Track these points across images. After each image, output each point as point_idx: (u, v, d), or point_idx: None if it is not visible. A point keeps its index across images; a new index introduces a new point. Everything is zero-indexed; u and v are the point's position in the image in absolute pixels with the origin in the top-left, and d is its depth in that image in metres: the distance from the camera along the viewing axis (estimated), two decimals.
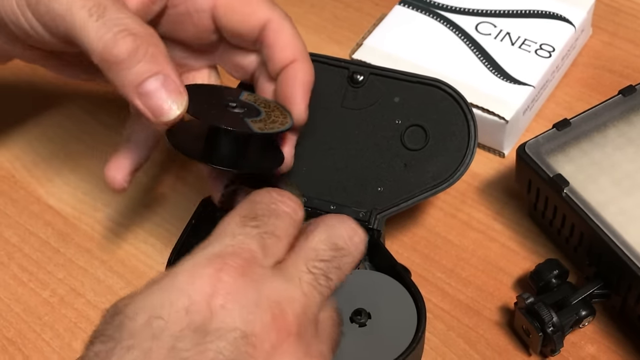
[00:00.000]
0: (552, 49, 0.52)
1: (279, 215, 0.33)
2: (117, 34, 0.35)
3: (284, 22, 0.42)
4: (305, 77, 0.41)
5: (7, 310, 0.47)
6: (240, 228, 0.32)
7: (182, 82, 0.37)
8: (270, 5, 0.42)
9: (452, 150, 0.43)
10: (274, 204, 0.33)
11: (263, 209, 0.33)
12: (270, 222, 0.33)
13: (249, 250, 0.31)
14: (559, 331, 0.41)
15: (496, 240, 0.48)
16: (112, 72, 0.36)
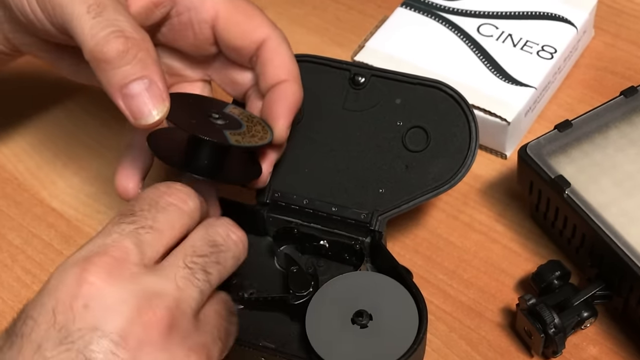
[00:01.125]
0: (554, 51, 0.52)
1: (161, 207, 0.34)
2: (109, 34, 0.36)
3: (282, 42, 0.42)
4: (292, 98, 0.42)
5: (11, 312, 0.47)
6: (116, 226, 0.33)
7: (167, 89, 0.37)
8: (270, 25, 0.43)
9: (454, 152, 0.43)
10: (158, 197, 0.34)
11: (143, 203, 0.34)
12: (150, 215, 0.33)
13: (121, 248, 0.32)
14: (561, 332, 0.41)
15: (498, 242, 0.48)
16: (100, 70, 0.37)
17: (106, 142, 0.55)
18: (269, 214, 0.45)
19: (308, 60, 0.47)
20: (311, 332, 0.40)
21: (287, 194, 0.45)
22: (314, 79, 0.46)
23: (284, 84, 0.42)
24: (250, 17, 0.42)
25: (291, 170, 0.45)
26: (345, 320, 0.40)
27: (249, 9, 0.43)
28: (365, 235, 0.43)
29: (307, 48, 0.59)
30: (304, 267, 0.43)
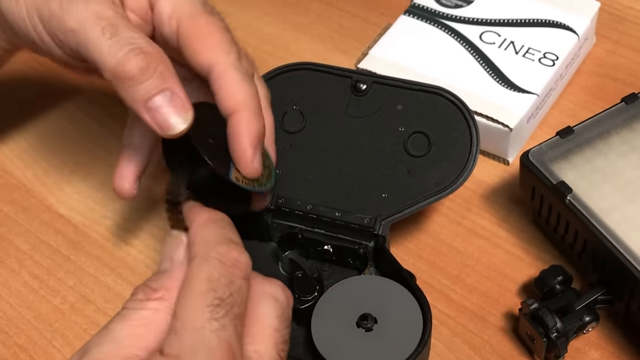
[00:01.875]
0: (556, 58, 0.53)
1: (238, 287, 0.32)
2: (128, 52, 0.37)
3: (229, 69, 0.39)
4: (247, 132, 0.39)
5: (19, 317, 0.48)
6: (213, 321, 0.31)
7: (188, 99, 0.38)
8: (223, 49, 0.40)
9: (455, 157, 0.44)
10: (231, 277, 0.32)
11: (224, 287, 0.32)
12: (236, 301, 0.32)
13: (229, 350, 0.31)
14: (563, 337, 0.41)
15: (501, 247, 0.49)
16: (123, 88, 0.37)
17: (112, 148, 0.56)
18: (273, 220, 0.45)
19: (310, 68, 0.47)
20: (317, 335, 0.40)
21: (291, 200, 0.45)
22: (317, 86, 0.47)
23: (236, 117, 0.39)
24: (203, 37, 0.40)
25: (295, 176, 0.46)
26: (351, 323, 0.41)
27: (204, 29, 0.40)
28: (368, 239, 0.44)
29: (311, 55, 0.60)
30: (309, 271, 0.44)
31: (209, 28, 0.40)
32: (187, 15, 0.40)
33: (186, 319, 0.31)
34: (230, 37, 0.41)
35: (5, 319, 0.48)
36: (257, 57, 0.59)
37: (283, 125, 0.47)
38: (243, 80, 0.39)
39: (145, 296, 0.33)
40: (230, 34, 0.41)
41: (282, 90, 0.47)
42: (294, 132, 0.47)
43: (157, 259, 0.50)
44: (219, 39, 0.40)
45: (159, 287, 0.33)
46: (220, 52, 0.39)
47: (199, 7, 0.40)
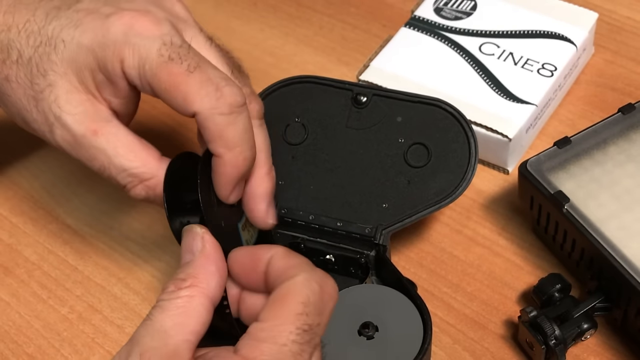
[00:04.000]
0: (555, 68, 0.53)
1: (326, 320, 0.34)
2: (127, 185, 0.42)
3: (212, 116, 0.38)
4: (229, 172, 0.39)
5: (27, 327, 0.49)
6: (296, 344, 0.32)
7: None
8: (197, 95, 0.38)
9: (454, 167, 0.45)
10: (325, 307, 0.34)
11: (314, 315, 0.33)
12: (320, 331, 0.33)
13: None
14: (562, 344, 0.42)
15: (501, 255, 0.49)
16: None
17: None
18: (276, 230, 0.46)
19: (312, 81, 0.48)
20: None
21: (293, 210, 0.46)
22: (318, 99, 0.48)
23: (222, 160, 0.39)
24: (173, 90, 0.39)
25: (297, 187, 0.47)
26: (352, 331, 0.41)
27: (171, 81, 0.38)
28: (370, 249, 0.45)
29: (314, 67, 0.61)
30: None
31: (175, 79, 0.38)
32: (150, 69, 0.39)
33: (273, 332, 0.32)
34: (199, 76, 0.38)
35: (14, 328, 0.49)
36: (260, 69, 0.61)
37: (285, 137, 0.48)
38: (227, 124, 0.38)
39: (176, 287, 0.34)
40: (200, 70, 0.38)
41: (285, 103, 0.48)
42: (296, 144, 0.48)
43: (162, 269, 0.51)
44: (188, 87, 0.38)
45: (187, 276, 0.34)
46: (195, 100, 0.38)
47: (158, 56, 0.38)
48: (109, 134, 0.40)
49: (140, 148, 0.41)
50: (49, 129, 0.41)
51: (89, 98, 0.40)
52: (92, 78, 0.40)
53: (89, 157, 0.41)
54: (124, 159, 0.40)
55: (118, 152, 0.40)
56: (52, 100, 0.40)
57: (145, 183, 0.41)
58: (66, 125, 0.40)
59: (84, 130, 0.40)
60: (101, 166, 0.41)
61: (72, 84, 0.40)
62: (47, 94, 0.40)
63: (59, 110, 0.40)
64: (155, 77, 0.39)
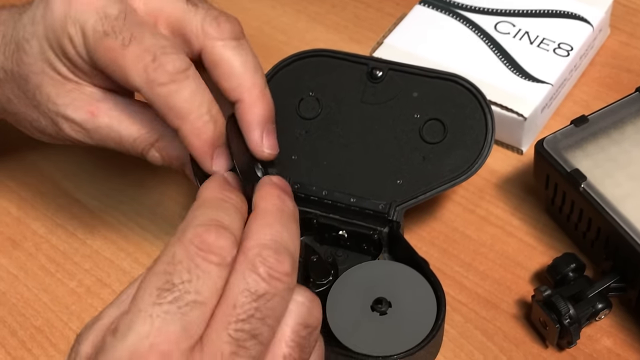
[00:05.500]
0: (571, 48, 0.53)
1: (202, 273, 0.29)
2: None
3: (153, 89, 0.37)
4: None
5: (35, 300, 0.49)
6: (157, 307, 0.29)
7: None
8: (139, 70, 0.37)
9: (470, 143, 0.44)
10: (196, 259, 0.30)
11: (182, 271, 0.29)
12: (192, 287, 0.29)
13: (167, 339, 0.28)
14: (576, 323, 0.41)
15: (514, 235, 0.49)
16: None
17: None
18: None
19: (327, 55, 0.48)
20: (332, 318, 0.41)
21: (306, 186, 0.46)
22: (333, 73, 0.47)
23: (182, 133, 0.38)
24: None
25: (310, 162, 0.46)
26: (365, 307, 0.41)
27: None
28: (383, 225, 0.44)
29: (325, 45, 0.60)
30: (323, 257, 0.44)
31: (112, 55, 0.37)
32: (89, 45, 0.38)
33: (137, 296, 0.30)
34: (135, 48, 0.37)
35: (22, 301, 0.49)
36: (272, 46, 0.61)
37: (299, 112, 0.47)
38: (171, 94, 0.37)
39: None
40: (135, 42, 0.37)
41: (299, 77, 0.48)
42: (310, 118, 0.47)
43: None
44: (125, 61, 0.37)
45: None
46: (133, 75, 0.37)
47: (94, 32, 0.37)
48: (107, 111, 0.40)
49: (144, 114, 0.40)
50: (58, 128, 0.41)
51: (74, 85, 0.40)
52: (62, 66, 0.39)
53: (102, 138, 0.41)
54: (131, 130, 0.40)
55: (123, 124, 0.40)
56: (46, 99, 0.40)
57: (156, 145, 0.40)
58: (67, 116, 0.40)
59: (83, 115, 0.40)
60: (116, 143, 0.41)
61: (53, 78, 0.40)
62: (39, 96, 0.40)
63: (54, 106, 0.40)
64: (94, 53, 0.37)
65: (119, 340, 0.29)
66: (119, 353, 0.28)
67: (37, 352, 0.46)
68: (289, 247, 0.31)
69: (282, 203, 0.33)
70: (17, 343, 0.47)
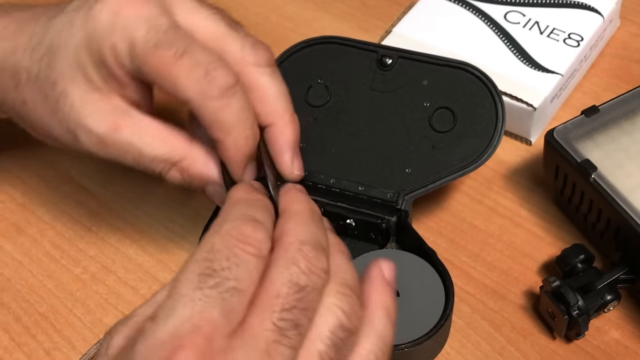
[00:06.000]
0: (581, 39, 0.52)
1: (241, 262, 0.30)
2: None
3: (204, 102, 0.37)
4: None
5: (40, 286, 0.48)
6: (198, 291, 0.29)
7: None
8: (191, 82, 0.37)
9: (480, 132, 0.44)
10: (234, 249, 0.31)
11: (221, 259, 0.30)
12: (232, 274, 0.30)
13: (209, 322, 0.29)
14: (584, 314, 0.41)
15: (522, 226, 0.49)
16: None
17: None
18: None
19: (336, 42, 0.47)
20: None
21: (314, 174, 0.45)
22: (342, 60, 0.47)
23: (223, 145, 0.39)
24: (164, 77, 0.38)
25: (318, 150, 0.46)
26: None
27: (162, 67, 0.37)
28: (391, 214, 0.44)
29: (333, 34, 0.59)
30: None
31: (163, 66, 0.37)
32: (138, 56, 0.38)
33: (176, 283, 0.30)
34: (188, 61, 0.37)
35: (27, 287, 0.48)
36: (279, 34, 0.60)
37: (307, 99, 0.47)
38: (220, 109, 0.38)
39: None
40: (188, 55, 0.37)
41: (307, 64, 0.47)
42: (319, 106, 0.47)
43: (177, 231, 0.50)
44: (177, 73, 0.37)
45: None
46: (185, 87, 0.37)
47: (144, 42, 0.37)
48: (131, 126, 0.40)
49: (167, 133, 0.40)
50: (74, 137, 0.40)
51: (101, 96, 0.40)
52: (97, 75, 0.39)
53: (119, 154, 0.40)
54: (153, 147, 0.40)
55: (145, 141, 0.40)
56: (69, 108, 0.39)
57: (178, 165, 0.40)
58: (87, 128, 0.39)
59: (106, 128, 0.39)
60: (133, 159, 0.40)
61: (82, 86, 0.39)
62: (62, 103, 0.40)
63: (77, 115, 0.39)
64: (144, 63, 0.38)
65: (160, 323, 0.29)
66: (160, 335, 0.28)
67: (41, 338, 0.46)
68: (323, 245, 0.33)
69: (311, 206, 0.35)
70: (22, 329, 0.46)
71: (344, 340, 0.31)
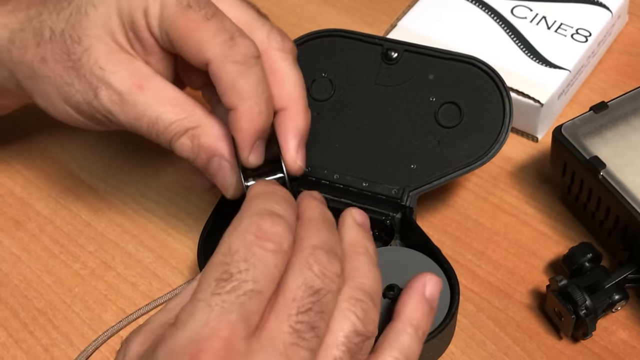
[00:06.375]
0: (589, 34, 0.51)
1: (259, 262, 0.30)
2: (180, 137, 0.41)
3: (225, 64, 0.38)
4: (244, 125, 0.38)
5: (38, 282, 0.48)
6: (215, 296, 0.29)
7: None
8: (216, 44, 0.38)
9: (487, 128, 0.43)
10: (253, 247, 0.30)
11: (239, 261, 0.30)
12: (250, 276, 0.30)
13: (227, 326, 0.29)
14: (592, 314, 0.40)
15: (528, 224, 0.48)
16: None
17: None
18: (298, 189, 0.44)
19: (341, 35, 0.47)
20: None
21: (317, 169, 0.45)
22: (347, 54, 0.46)
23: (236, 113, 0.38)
24: (188, 37, 0.38)
25: (322, 144, 0.45)
26: None
27: (188, 27, 0.38)
28: (395, 211, 0.43)
29: (337, 27, 0.59)
30: None
31: (191, 26, 0.38)
32: (168, 17, 0.39)
33: (197, 288, 0.30)
34: (215, 24, 0.38)
35: (24, 282, 0.48)
36: (283, 27, 0.59)
37: (311, 93, 0.46)
38: (240, 74, 0.38)
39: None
40: (216, 18, 0.38)
41: (312, 57, 0.47)
42: (322, 100, 0.46)
43: (177, 226, 0.50)
44: (203, 33, 0.38)
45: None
46: (209, 47, 0.38)
47: (177, 3, 0.38)
48: (154, 88, 0.40)
49: (186, 100, 0.40)
50: (94, 93, 0.40)
51: (127, 57, 0.40)
52: (124, 37, 0.40)
53: (137, 114, 0.40)
54: (171, 112, 0.40)
55: (165, 105, 0.40)
56: (93, 63, 0.39)
57: (191, 132, 0.40)
58: (110, 84, 0.39)
59: (129, 86, 0.39)
60: (149, 122, 0.40)
61: (108, 45, 0.40)
62: (85, 59, 0.40)
63: (100, 71, 0.39)
64: (172, 24, 0.38)
65: (179, 328, 0.29)
66: (180, 341, 0.29)
67: (39, 334, 0.45)
68: (336, 250, 0.33)
69: (324, 212, 0.35)
70: (19, 325, 0.46)
71: (359, 345, 0.32)
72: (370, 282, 0.33)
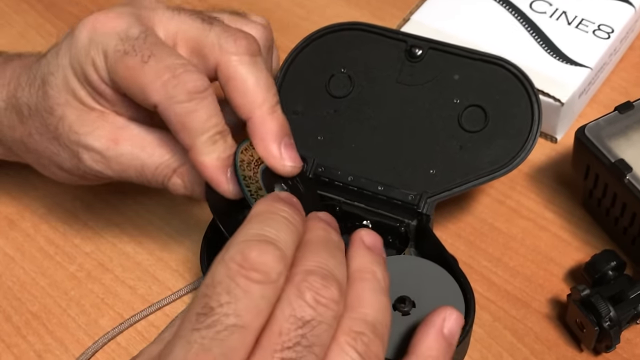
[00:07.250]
0: (611, 30, 0.50)
1: (243, 294, 0.28)
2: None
3: (171, 106, 0.37)
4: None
5: (32, 284, 0.46)
6: (195, 332, 0.28)
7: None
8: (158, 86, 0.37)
9: (513, 134, 0.41)
10: (237, 278, 0.28)
11: (220, 293, 0.28)
12: (231, 310, 0.28)
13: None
14: (616, 326, 0.39)
15: (547, 230, 0.46)
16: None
17: None
18: (320, 192, 0.42)
19: (362, 29, 0.45)
20: None
21: (331, 169, 0.43)
22: (368, 49, 0.44)
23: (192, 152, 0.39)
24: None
25: (337, 144, 0.43)
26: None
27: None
28: (411, 217, 0.41)
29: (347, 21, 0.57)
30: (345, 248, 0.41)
31: (131, 72, 0.38)
32: (110, 66, 0.39)
33: (180, 323, 0.29)
34: (154, 65, 0.37)
35: (18, 284, 0.46)
36: (290, 21, 0.58)
37: (329, 89, 0.44)
38: (188, 113, 0.37)
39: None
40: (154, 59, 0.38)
41: (330, 51, 0.45)
42: (340, 97, 0.44)
43: (178, 227, 0.48)
44: (144, 77, 0.38)
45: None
46: (152, 91, 0.37)
47: (114, 51, 0.38)
48: (131, 137, 0.40)
49: (165, 141, 0.40)
50: (78, 159, 0.41)
51: (97, 114, 0.40)
52: (87, 94, 0.40)
53: (122, 167, 0.40)
54: (154, 155, 0.40)
55: (145, 151, 0.40)
56: (68, 130, 0.40)
57: (179, 170, 0.40)
58: (88, 145, 0.40)
59: (106, 143, 0.40)
60: (136, 171, 0.40)
61: (76, 107, 0.40)
62: (61, 128, 0.40)
63: (76, 135, 0.40)
64: (115, 73, 0.38)
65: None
66: None
67: (32, 339, 0.44)
68: (335, 274, 0.30)
69: (327, 234, 0.33)
70: (12, 329, 0.44)
71: None
72: (374, 313, 0.31)
